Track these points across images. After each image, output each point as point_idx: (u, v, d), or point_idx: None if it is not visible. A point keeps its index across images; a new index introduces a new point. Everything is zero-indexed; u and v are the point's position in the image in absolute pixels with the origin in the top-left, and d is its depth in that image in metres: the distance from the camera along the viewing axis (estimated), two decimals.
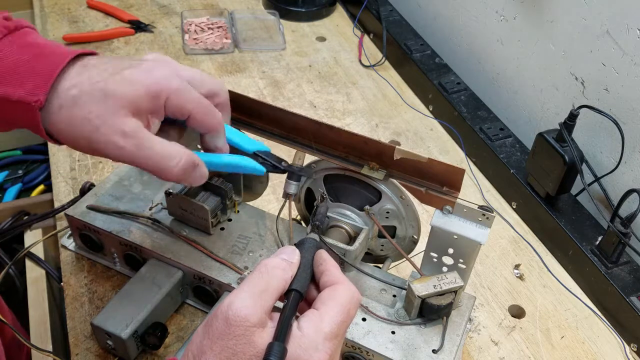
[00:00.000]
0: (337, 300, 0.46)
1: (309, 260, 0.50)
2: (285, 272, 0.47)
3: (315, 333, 0.44)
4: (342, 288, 0.47)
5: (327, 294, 0.47)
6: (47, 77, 0.48)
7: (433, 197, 0.63)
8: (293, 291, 0.47)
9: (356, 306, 0.47)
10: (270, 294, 0.44)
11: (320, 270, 0.49)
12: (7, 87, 0.48)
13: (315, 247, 0.51)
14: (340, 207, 0.69)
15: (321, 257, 0.50)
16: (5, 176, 1.14)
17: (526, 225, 0.91)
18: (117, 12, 1.27)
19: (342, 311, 0.45)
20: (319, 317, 0.45)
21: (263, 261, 0.47)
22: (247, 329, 0.42)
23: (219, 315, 0.42)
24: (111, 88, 0.49)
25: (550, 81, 0.96)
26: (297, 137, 0.67)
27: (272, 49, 1.23)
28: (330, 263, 0.49)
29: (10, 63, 0.49)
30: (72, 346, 0.70)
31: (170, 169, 0.51)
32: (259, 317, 0.42)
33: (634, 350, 0.76)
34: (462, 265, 0.65)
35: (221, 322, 0.42)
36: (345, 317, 0.45)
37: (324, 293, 0.47)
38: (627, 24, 0.79)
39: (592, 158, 0.89)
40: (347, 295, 0.46)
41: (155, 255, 0.71)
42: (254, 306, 0.42)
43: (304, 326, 0.44)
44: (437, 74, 1.11)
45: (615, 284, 0.78)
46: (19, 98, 0.48)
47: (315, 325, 0.44)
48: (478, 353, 0.74)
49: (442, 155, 1.02)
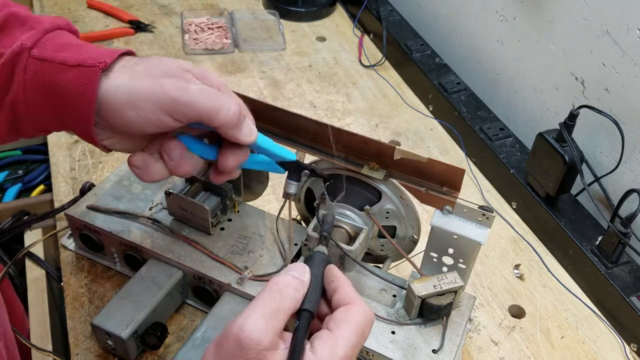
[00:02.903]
0: (351, 321, 0.45)
1: (319, 276, 0.48)
2: (297, 292, 0.45)
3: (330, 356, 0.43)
4: (357, 309, 0.46)
5: (341, 315, 0.45)
6: (111, 53, 0.51)
7: (433, 197, 0.63)
8: (304, 311, 0.45)
9: (370, 327, 0.46)
10: (282, 315, 0.43)
11: (332, 288, 0.48)
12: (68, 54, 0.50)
13: (324, 261, 0.50)
14: (340, 207, 0.69)
15: (332, 273, 0.49)
16: (5, 176, 1.14)
17: (526, 225, 0.91)
18: (117, 12, 1.27)
19: (356, 333, 0.44)
20: (333, 339, 0.44)
21: (274, 279, 0.46)
22: (260, 353, 0.41)
23: (230, 337, 0.42)
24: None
25: (550, 81, 0.96)
26: (297, 137, 0.67)
27: (272, 49, 1.23)
28: (342, 280, 0.48)
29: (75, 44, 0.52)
30: (72, 346, 0.70)
31: (228, 107, 0.51)
32: (271, 339, 0.42)
33: (634, 350, 0.76)
34: (462, 265, 0.65)
35: (233, 345, 0.41)
36: (360, 338, 0.44)
37: (338, 314, 0.46)
38: (627, 24, 0.79)
39: (592, 158, 0.89)
40: (362, 316, 0.45)
41: (155, 255, 0.71)
42: (265, 329, 0.42)
43: (318, 350, 0.43)
44: (437, 74, 1.11)
45: (615, 284, 0.78)
46: (80, 62, 0.49)
47: (330, 349, 0.43)
48: (478, 353, 0.74)
49: (442, 155, 1.02)
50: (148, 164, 0.54)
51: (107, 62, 0.49)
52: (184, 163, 0.55)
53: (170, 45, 1.21)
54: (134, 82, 0.50)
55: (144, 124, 0.50)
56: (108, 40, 1.20)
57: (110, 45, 1.19)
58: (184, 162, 0.55)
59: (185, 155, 0.55)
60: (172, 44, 1.21)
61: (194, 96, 0.50)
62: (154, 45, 1.21)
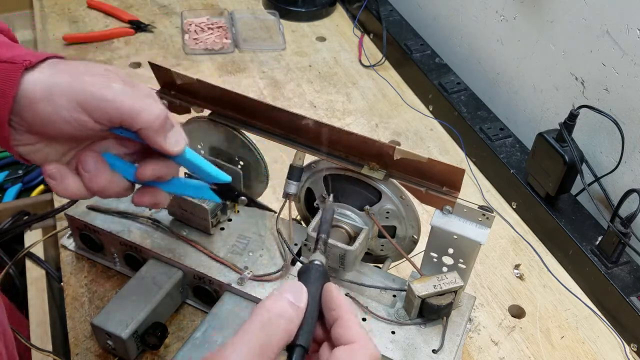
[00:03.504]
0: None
1: (316, 297, 0.43)
2: (290, 323, 0.40)
3: None
4: (361, 350, 0.41)
5: (343, 357, 0.40)
6: (38, 55, 0.48)
7: (433, 197, 0.63)
8: (298, 347, 0.40)
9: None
10: (271, 350, 0.39)
11: (333, 317, 0.43)
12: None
13: (322, 276, 0.45)
14: (340, 207, 0.69)
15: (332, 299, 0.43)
16: (5, 176, 1.14)
17: (526, 225, 0.91)
18: (117, 12, 1.27)
19: None
20: None
21: (265, 304, 0.40)
22: None
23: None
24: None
25: (550, 81, 0.96)
26: (297, 137, 0.67)
27: (272, 49, 1.23)
28: (344, 308, 0.43)
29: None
30: (72, 346, 0.70)
31: (151, 109, 0.48)
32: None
33: (634, 350, 0.76)
34: (462, 265, 0.65)
35: None
36: None
37: (340, 354, 0.41)
38: (627, 24, 0.79)
39: (592, 158, 0.89)
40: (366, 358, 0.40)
41: (155, 255, 0.71)
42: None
43: None
44: (437, 74, 1.11)
45: (615, 284, 0.78)
46: (7, 59, 0.46)
47: None
48: (478, 353, 0.74)
49: (442, 155, 1.02)
50: (64, 175, 0.51)
51: (32, 61, 0.47)
52: (99, 177, 0.51)
53: (170, 45, 1.21)
54: (54, 77, 0.47)
55: (61, 123, 0.47)
56: (108, 40, 1.20)
57: (110, 45, 1.19)
58: (100, 176, 0.51)
59: (102, 169, 0.51)
60: (172, 44, 1.21)
61: (114, 94, 0.47)
62: (154, 45, 1.21)
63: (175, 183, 0.55)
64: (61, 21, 1.25)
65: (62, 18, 1.26)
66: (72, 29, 1.23)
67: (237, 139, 0.70)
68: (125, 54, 1.18)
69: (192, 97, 0.70)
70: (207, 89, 0.67)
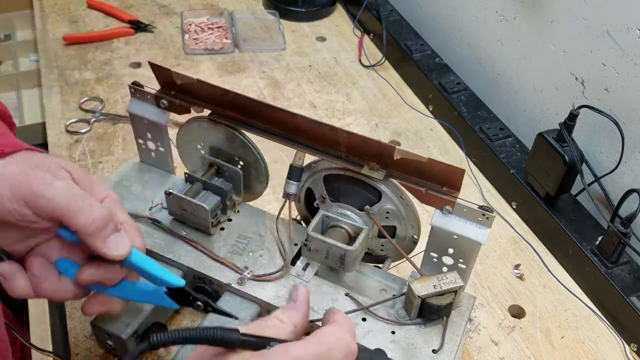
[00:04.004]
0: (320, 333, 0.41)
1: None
2: None
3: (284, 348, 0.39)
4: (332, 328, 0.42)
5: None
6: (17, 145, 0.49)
7: (433, 197, 0.63)
8: None
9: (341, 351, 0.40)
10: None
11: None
12: None
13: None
14: (340, 207, 0.69)
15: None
16: None
17: (526, 225, 0.91)
18: (117, 12, 1.27)
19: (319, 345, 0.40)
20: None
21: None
22: None
23: None
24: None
25: (550, 81, 0.96)
26: (297, 137, 0.67)
27: (272, 49, 1.23)
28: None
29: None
30: (72, 346, 0.70)
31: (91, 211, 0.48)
32: None
33: (634, 350, 0.76)
34: (462, 265, 0.65)
35: None
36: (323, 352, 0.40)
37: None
38: (627, 24, 0.79)
39: (592, 158, 0.89)
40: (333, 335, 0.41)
41: (155, 255, 0.71)
42: None
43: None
44: (437, 74, 1.11)
45: (615, 284, 0.78)
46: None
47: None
48: (478, 353, 0.74)
49: (442, 155, 1.02)
50: (13, 275, 0.50)
51: (4, 151, 0.48)
52: (44, 283, 0.50)
53: (170, 46, 1.21)
54: (5, 167, 0.48)
55: (4, 213, 0.47)
56: (108, 40, 1.20)
57: (110, 45, 1.19)
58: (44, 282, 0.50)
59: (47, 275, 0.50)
60: (172, 44, 1.21)
61: (53, 192, 0.47)
62: (154, 46, 1.21)
63: (125, 287, 0.53)
64: (61, 21, 1.25)
65: (62, 18, 1.26)
66: (72, 29, 1.23)
67: (237, 139, 0.70)
68: (125, 54, 1.18)
69: (192, 97, 0.70)
70: (207, 89, 0.67)
